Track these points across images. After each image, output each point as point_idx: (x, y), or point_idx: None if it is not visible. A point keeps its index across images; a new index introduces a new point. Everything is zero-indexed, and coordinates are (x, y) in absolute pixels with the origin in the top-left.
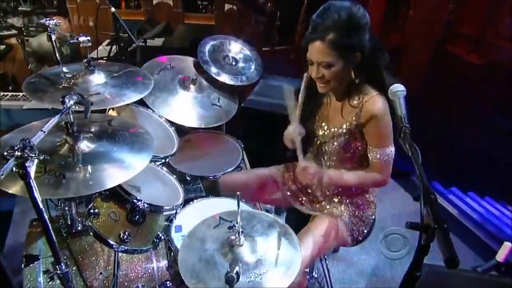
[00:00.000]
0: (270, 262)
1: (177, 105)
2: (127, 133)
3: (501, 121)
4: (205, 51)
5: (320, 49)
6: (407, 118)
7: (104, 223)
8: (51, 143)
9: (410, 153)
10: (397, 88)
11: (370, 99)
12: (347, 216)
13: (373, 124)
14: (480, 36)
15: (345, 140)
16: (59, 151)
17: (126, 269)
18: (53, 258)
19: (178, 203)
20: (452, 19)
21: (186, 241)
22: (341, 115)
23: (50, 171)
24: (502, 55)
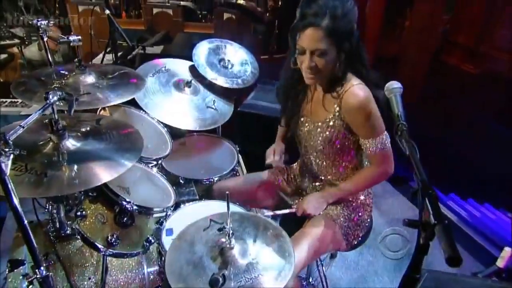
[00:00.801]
0: (261, 265)
1: (171, 108)
2: (115, 132)
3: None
4: (201, 54)
5: (314, 36)
6: (404, 116)
7: (91, 225)
8: (34, 142)
9: (408, 149)
10: (393, 85)
11: (350, 89)
12: (343, 219)
13: (357, 115)
14: (475, 46)
15: (330, 134)
16: (43, 150)
17: (116, 274)
18: (33, 262)
19: (168, 205)
20: (448, 29)
21: (174, 244)
22: (324, 108)
23: (31, 169)
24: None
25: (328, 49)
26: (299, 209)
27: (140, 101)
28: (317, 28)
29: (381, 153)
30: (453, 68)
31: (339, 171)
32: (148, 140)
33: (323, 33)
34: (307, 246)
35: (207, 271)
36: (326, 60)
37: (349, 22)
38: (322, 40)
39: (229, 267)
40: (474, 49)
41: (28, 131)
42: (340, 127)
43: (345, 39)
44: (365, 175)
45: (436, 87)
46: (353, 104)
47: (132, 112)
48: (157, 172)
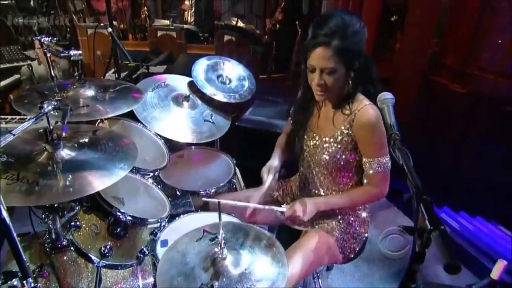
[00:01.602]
0: (254, 276)
1: (170, 121)
2: (110, 143)
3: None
4: (200, 70)
5: (324, 55)
6: (396, 126)
7: (85, 236)
8: (29, 152)
9: (401, 157)
10: (385, 96)
11: (363, 108)
12: (338, 232)
13: (366, 133)
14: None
15: (336, 150)
16: (37, 159)
17: (110, 286)
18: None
19: (163, 216)
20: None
21: (166, 255)
22: (333, 124)
23: (23, 178)
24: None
25: (337, 68)
26: (289, 209)
27: (139, 115)
28: (326, 47)
29: (381, 175)
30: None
31: (339, 188)
32: (146, 153)
33: (332, 52)
34: (302, 258)
35: (198, 282)
36: (335, 78)
37: (358, 42)
38: (331, 59)
39: (221, 277)
40: (461, 70)
41: (24, 142)
42: (347, 144)
43: (354, 58)
44: (361, 193)
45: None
46: (366, 122)
47: (131, 125)
48: (153, 184)
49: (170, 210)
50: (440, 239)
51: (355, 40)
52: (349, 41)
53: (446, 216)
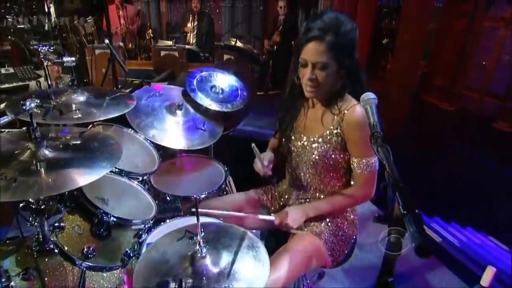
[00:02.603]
0: (233, 275)
1: (163, 129)
2: (95, 144)
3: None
4: (193, 81)
5: (317, 49)
6: (379, 125)
7: (68, 237)
8: (11, 150)
9: (382, 153)
10: (368, 96)
11: (352, 108)
12: (327, 235)
13: (355, 132)
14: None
15: (325, 149)
16: (19, 157)
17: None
18: None
19: (148, 218)
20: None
21: (146, 254)
22: (321, 123)
23: (1, 174)
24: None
25: (329, 63)
26: (279, 218)
27: (132, 122)
28: (320, 42)
29: (368, 175)
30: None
31: (327, 189)
32: (137, 159)
33: (326, 47)
34: (289, 261)
35: None
36: (326, 73)
37: (350, 41)
38: (324, 54)
39: (198, 276)
40: (449, 90)
41: (8, 142)
42: (337, 143)
43: (346, 57)
44: (347, 194)
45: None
46: (355, 121)
47: (123, 131)
48: (140, 187)
49: (156, 212)
50: (413, 221)
51: (347, 38)
52: (342, 38)
53: (437, 226)
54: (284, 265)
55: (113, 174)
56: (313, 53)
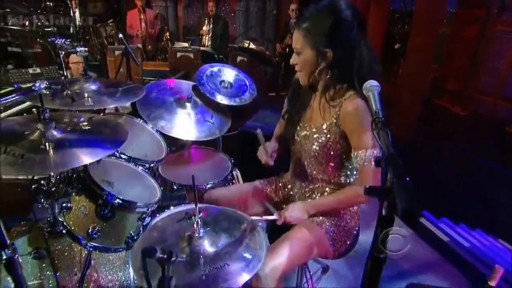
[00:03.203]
0: (229, 256)
1: (172, 120)
2: (102, 127)
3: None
4: (203, 75)
5: (295, 36)
6: (381, 112)
7: (75, 217)
8: (21, 131)
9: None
10: (371, 83)
11: (349, 98)
12: (329, 224)
13: (354, 122)
14: (462, 91)
15: (325, 140)
16: (29, 137)
17: (102, 272)
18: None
19: (152, 202)
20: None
21: (146, 234)
22: (322, 115)
23: (9, 151)
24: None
25: (302, 49)
26: (282, 217)
27: (142, 113)
28: (298, 29)
29: (369, 168)
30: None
31: (329, 179)
32: (146, 148)
33: (300, 34)
34: (290, 249)
35: None
36: (301, 59)
37: (329, 30)
38: (298, 40)
39: (195, 255)
40: (461, 94)
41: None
42: (336, 134)
43: (323, 45)
44: (349, 193)
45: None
46: (351, 111)
47: (134, 121)
48: (146, 172)
49: (161, 197)
50: (402, 188)
51: (324, 26)
52: (317, 25)
53: (445, 225)
54: (285, 252)
55: (121, 160)
56: (293, 40)
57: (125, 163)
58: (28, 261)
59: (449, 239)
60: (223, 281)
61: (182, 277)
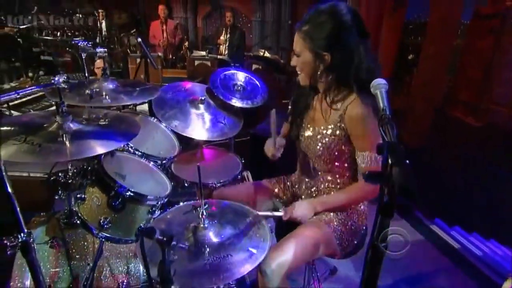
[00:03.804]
0: (233, 247)
1: (185, 120)
2: (117, 122)
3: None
4: (217, 78)
5: (295, 39)
6: (389, 110)
7: (88, 208)
8: (41, 123)
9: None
10: (378, 81)
11: (353, 102)
12: (336, 223)
13: (358, 126)
14: (477, 102)
15: (329, 141)
16: (47, 129)
17: (113, 264)
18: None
19: (162, 195)
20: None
21: (152, 224)
22: (326, 117)
23: (29, 141)
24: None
25: (301, 52)
26: (287, 213)
27: (157, 112)
28: (298, 32)
29: (372, 169)
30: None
31: (335, 179)
32: (160, 146)
33: (299, 36)
34: (297, 246)
35: None
36: (301, 61)
37: (328, 33)
38: (298, 43)
39: (198, 245)
40: (475, 105)
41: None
42: (341, 136)
43: (321, 48)
44: (354, 190)
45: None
46: (356, 115)
47: (148, 120)
48: (157, 168)
49: (171, 192)
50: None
51: (322, 29)
52: (317, 29)
53: (457, 234)
54: (291, 249)
55: (134, 156)
56: (294, 42)
57: (138, 158)
58: (45, 250)
59: (461, 247)
60: (225, 270)
61: (185, 265)
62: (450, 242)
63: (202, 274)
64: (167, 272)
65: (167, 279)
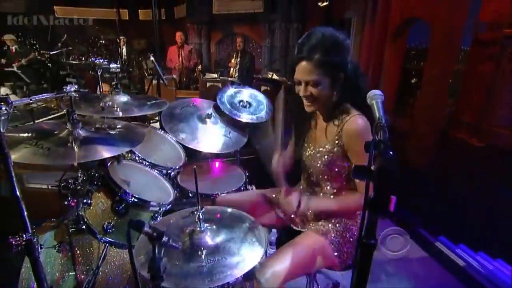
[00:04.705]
0: (228, 251)
1: (192, 133)
2: (124, 131)
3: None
4: (224, 95)
5: (307, 68)
6: (384, 119)
7: (93, 213)
8: (52, 130)
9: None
10: (374, 92)
11: (351, 119)
12: (334, 235)
13: (354, 142)
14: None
15: (328, 159)
16: (58, 134)
17: (117, 269)
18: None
19: (165, 202)
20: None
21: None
22: (325, 136)
23: (39, 144)
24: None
25: (320, 80)
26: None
27: (166, 125)
28: (308, 61)
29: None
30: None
31: (337, 193)
32: (167, 157)
33: (314, 65)
34: (293, 256)
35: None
36: (319, 89)
37: (339, 54)
38: (313, 72)
39: (194, 247)
40: (478, 126)
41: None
42: (339, 154)
43: (338, 70)
44: (351, 199)
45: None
46: (352, 131)
47: (156, 132)
48: (162, 176)
49: (174, 199)
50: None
51: (335, 53)
52: (330, 54)
53: (462, 252)
54: (287, 259)
55: (139, 164)
56: (304, 73)
57: (143, 166)
58: (52, 254)
59: (466, 264)
60: (219, 273)
61: (179, 266)
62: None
63: (196, 275)
64: (157, 268)
65: (157, 276)
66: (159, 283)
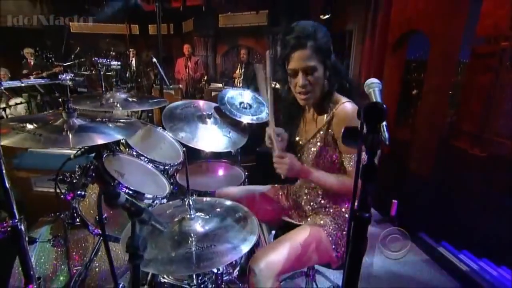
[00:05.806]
0: (218, 238)
1: (192, 132)
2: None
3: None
4: (225, 96)
5: (304, 55)
6: None
7: (87, 204)
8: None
9: None
10: (372, 81)
11: (340, 106)
12: (331, 227)
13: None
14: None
15: (319, 148)
16: (53, 123)
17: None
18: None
19: (160, 195)
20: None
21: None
22: (315, 125)
23: (31, 131)
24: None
25: (316, 66)
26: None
27: (166, 124)
28: (303, 49)
29: None
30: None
31: None
32: (166, 155)
33: (310, 52)
34: (289, 248)
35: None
36: (316, 76)
37: (327, 43)
38: (310, 58)
39: (181, 234)
40: (479, 136)
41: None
42: (330, 142)
43: (327, 58)
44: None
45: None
46: (344, 117)
47: (157, 131)
48: (158, 171)
49: (169, 193)
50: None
51: (324, 41)
52: (320, 41)
53: (465, 257)
54: (281, 250)
55: (136, 158)
56: (301, 60)
57: (139, 160)
58: (47, 247)
59: (469, 270)
60: (207, 259)
61: (166, 252)
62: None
63: (183, 261)
64: (136, 247)
65: (136, 255)
66: (137, 263)
